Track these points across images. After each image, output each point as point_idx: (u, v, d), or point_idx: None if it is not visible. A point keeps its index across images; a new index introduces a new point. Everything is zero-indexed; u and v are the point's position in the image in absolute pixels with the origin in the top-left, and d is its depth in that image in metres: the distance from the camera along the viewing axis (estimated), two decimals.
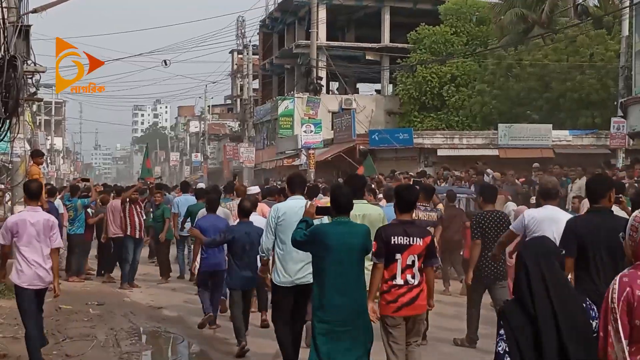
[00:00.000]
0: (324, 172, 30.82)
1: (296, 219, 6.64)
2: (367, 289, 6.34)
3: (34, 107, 50.06)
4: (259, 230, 8.62)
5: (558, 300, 3.64)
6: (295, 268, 7.30)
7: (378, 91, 45.98)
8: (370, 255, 6.41)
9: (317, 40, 34.09)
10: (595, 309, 3.77)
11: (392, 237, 6.39)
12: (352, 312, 6.03)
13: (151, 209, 16.73)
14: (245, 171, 45.11)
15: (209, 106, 74.46)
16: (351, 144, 31.30)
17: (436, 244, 7.35)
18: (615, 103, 26.70)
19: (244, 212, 9.29)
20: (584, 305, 3.76)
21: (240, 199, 10.99)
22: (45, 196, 14.59)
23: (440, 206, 10.46)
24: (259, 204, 10.97)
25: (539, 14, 33.18)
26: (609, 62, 28.88)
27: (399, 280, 6.37)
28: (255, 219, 9.55)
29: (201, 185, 17.22)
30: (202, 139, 71.88)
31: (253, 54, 51.08)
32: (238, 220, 9.48)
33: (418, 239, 6.43)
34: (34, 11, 14.08)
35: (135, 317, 11.31)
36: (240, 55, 55.27)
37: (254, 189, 13.00)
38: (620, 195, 8.28)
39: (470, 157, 25.81)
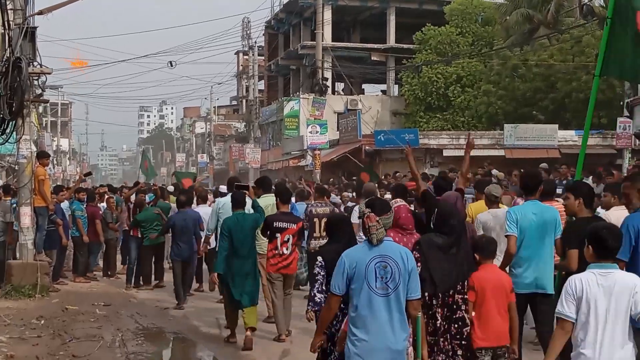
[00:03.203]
0: (329, 172, 30.82)
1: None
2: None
3: (40, 109, 50.19)
4: (193, 216, 12.71)
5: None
6: None
7: (384, 92, 45.97)
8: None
9: (322, 41, 34.13)
10: None
11: (275, 222, 9.42)
12: (249, 267, 9.38)
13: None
14: (251, 172, 45.12)
15: (214, 107, 74.50)
16: (357, 144, 31.28)
17: None
18: (621, 103, 26.65)
19: (180, 204, 12.86)
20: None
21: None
22: (53, 197, 14.64)
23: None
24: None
25: (545, 14, 33.11)
26: None
27: (279, 251, 9.40)
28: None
29: (171, 188, 17.96)
30: (207, 140, 71.90)
31: (258, 55, 51.08)
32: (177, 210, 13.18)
33: (292, 224, 9.51)
34: (40, 13, 14.12)
35: (141, 317, 11.33)
36: (245, 57, 55.28)
37: (223, 187, 14.80)
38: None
39: (476, 158, 25.60)
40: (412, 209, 9.99)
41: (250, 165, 44.60)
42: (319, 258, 6.42)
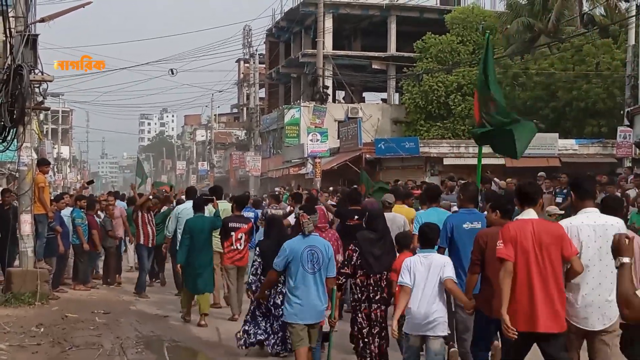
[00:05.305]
0: (330, 180, 30.81)
1: (188, 213, 12.10)
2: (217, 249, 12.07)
3: (41, 116, 50.21)
4: None
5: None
6: None
7: (384, 100, 46.00)
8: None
9: (323, 49, 34.16)
10: None
11: (230, 223, 11.51)
12: (206, 261, 11.39)
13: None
14: (252, 180, 45.13)
15: (215, 115, 74.61)
16: (357, 152, 31.28)
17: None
18: (622, 112, 26.64)
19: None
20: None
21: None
22: (53, 205, 14.63)
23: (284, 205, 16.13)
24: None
25: (545, 23, 33.18)
26: (615, 71, 28.84)
27: (233, 247, 11.51)
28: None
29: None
30: (208, 147, 71.98)
31: (259, 63, 51.20)
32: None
33: (244, 224, 11.64)
34: (42, 20, 14.18)
35: (141, 325, 11.31)
36: (246, 64, 55.42)
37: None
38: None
39: (476, 166, 25.74)
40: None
41: (250, 173, 44.63)
42: (257, 249, 9.07)
